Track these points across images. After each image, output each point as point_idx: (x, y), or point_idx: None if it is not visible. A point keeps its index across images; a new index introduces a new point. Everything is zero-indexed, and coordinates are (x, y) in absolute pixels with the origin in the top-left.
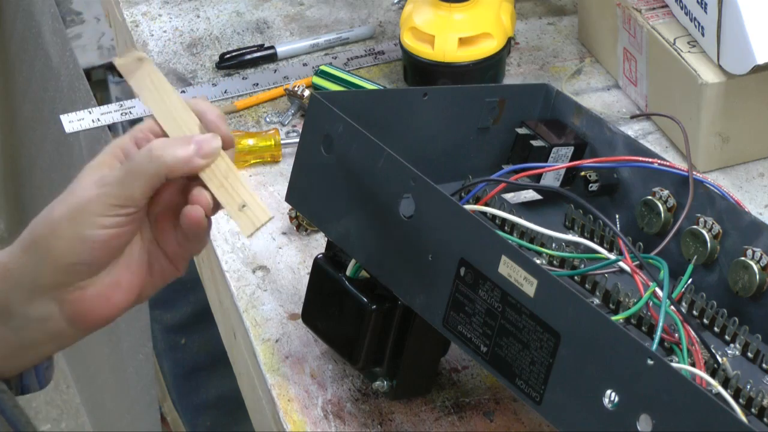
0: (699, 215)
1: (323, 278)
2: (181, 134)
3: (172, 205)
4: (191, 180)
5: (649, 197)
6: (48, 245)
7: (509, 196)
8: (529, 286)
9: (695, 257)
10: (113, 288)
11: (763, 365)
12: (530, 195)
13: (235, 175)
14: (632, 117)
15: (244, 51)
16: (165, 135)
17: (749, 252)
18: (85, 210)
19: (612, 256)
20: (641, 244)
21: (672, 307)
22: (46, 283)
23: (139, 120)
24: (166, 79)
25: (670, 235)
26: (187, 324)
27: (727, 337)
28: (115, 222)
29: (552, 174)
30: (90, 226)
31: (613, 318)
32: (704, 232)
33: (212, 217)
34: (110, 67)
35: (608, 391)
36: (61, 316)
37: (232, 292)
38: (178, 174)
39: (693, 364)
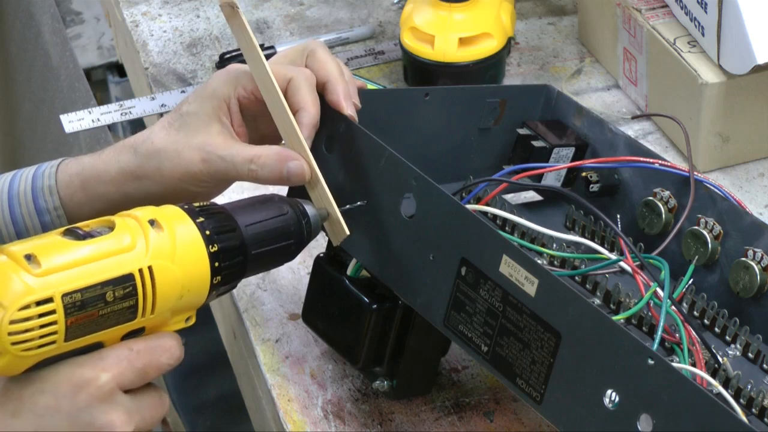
0: (700, 216)
1: (323, 278)
2: (277, 113)
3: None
4: None
5: (650, 198)
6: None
7: (510, 197)
8: (530, 285)
9: (696, 258)
10: None
11: (764, 365)
12: (531, 195)
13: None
14: (632, 117)
15: None
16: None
17: (750, 252)
18: (184, 177)
19: (613, 257)
20: (642, 244)
21: (673, 307)
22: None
23: (138, 120)
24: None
25: (671, 235)
26: None
27: (727, 337)
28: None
29: (553, 174)
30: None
31: (614, 318)
32: (705, 232)
33: None
34: (110, 67)
35: (609, 391)
36: None
37: (232, 292)
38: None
39: (694, 364)
